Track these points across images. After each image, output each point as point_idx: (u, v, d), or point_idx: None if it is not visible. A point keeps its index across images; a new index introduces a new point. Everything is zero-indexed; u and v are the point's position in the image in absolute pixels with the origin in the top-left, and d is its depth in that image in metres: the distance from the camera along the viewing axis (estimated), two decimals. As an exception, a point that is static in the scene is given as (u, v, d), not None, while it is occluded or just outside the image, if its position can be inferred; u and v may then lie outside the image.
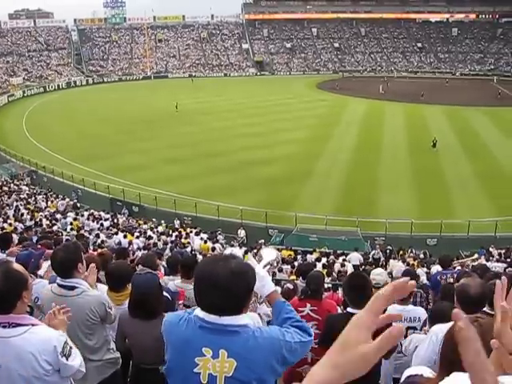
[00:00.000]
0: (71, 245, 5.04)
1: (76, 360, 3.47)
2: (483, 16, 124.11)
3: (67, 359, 3.37)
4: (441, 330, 3.92)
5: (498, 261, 18.78)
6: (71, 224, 22.97)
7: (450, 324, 3.72)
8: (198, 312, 2.66)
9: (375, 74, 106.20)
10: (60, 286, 4.53)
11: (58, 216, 24.62)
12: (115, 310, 4.85)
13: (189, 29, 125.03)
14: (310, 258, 20.59)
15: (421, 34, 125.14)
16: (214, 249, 20.83)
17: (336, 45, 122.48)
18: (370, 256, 21.85)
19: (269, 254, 3.58)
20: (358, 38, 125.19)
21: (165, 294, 5.36)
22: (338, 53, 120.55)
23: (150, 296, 4.61)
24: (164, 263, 9.09)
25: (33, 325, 3.36)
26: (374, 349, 1.17)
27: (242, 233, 27.73)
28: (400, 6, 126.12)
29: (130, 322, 4.73)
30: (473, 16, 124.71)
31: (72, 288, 4.48)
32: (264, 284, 3.10)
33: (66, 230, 21.27)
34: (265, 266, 3.30)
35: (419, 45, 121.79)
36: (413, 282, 1.21)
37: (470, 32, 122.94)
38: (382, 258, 20.72)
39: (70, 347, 3.43)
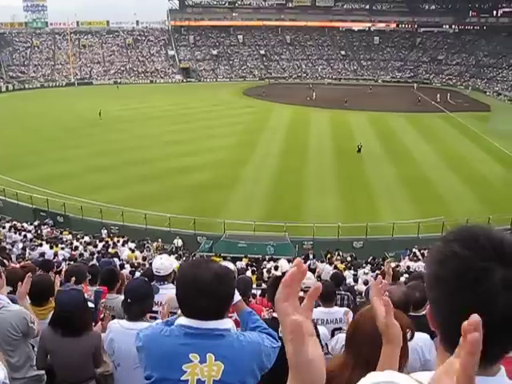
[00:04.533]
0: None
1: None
2: (403, 25, 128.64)
3: None
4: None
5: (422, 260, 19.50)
6: (-8, 236, 22.08)
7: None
8: (182, 320, 2.67)
9: (300, 81, 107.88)
10: (-21, 302, 4.34)
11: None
12: (38, 324, 4.70)
13: (113, 34, 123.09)
14: (240, 264, 20.62)
15: (344, 42, 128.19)
16: (145, 258, 20.56)
17: (262, 52, 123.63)
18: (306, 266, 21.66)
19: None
20: (284, 45, 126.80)
21: (90, 305, 5.25)
22: (264, 59, 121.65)
23: (75, 314, 4.49)
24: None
25: None
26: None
27: (179, 242, 27.52)
28: (324, 14, 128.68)
29: (53, 339, 4.57)
30: (393, 25, 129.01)
31: (-9, 304, 4.30)
32: None
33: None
34: None
35: (343, 52, 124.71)
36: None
37: (391, 41, 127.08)
38: (318, 268, 20.48)
39: None
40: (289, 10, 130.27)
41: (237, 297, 3.19)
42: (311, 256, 22.79)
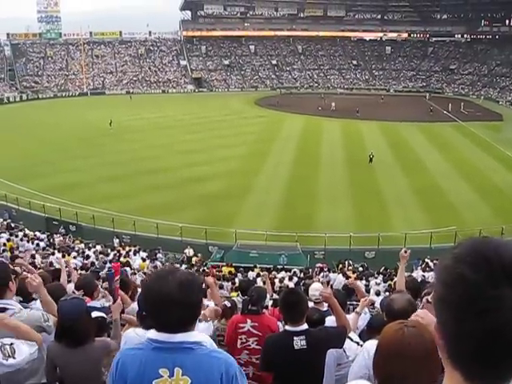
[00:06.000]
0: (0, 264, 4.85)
1: (23, 351, 3.48)
2: (415, 35, 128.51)
3: (14, 358, 3.32)
4: (372, 345, 3.96)
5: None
6: (4, 245, 22.18)
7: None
8: (150, 334, 2.62)
9: (312, 91, 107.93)
10: (-9, 308, 4.34)
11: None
12: (53, 319, 4.67)
13: (126, 45, 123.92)
14: (252, 274, 20.56)
15: (356, 52, 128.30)
16: (155, 267, 20.59)
17: (273, 62, 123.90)
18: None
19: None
20: (295, 55, 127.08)
21: (98, 313, 5.23)
22: (276, 69, 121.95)
23: (77, 322, 4.46)
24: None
25: None
26: None
27: (190, 251, 27.51)
28: (335, 24, 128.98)
29: (59, 352, 4.55)
30: (405, 35, 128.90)
31: (3, 310, 4.29)
32: None
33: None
34: None
35: (354, 62, 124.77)
36: None
37: (403, 50, 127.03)
38: (331, 280, 19.91)
39: (10, 345, 3.37)
40: (300, 21, 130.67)
41: None
42: (325, 269, 22.63)
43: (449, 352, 1.35)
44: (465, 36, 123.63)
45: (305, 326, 4.71)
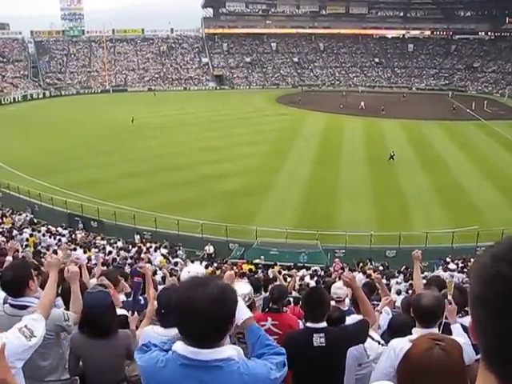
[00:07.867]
0: (20, 262, 4.91)
1: (38, 327, 3.56)
2: (438, 33, 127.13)
3: (35, 336, 3.45)
4: (398, 344, 3.91)
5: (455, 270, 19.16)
6: (27, 240, 22.44)
7: (407, 338, 3.74)
8: (177, 348, 2.53)
9: (333, 89, 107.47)
10: (12, 305, 4.37)
11: (15, 232, 24.03)
12: (75, 317, 4.70)
13: (148, 42, 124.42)
14: (272, 271, 20.49)
15: (378, 50, 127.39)
16: (176, 263, 20.65)
17: (295, 59, 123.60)
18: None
19: (242, 287, 3.45)
20: (317, 52, 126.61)
21: (123, 311, 5.26)
22: (297, 67, 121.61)
23: (102, 314, 4.50)
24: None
25: None
26: None
27: (210, 248, 27.60)
28: (357, 22, 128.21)
29: (83, 343, 4.59)
30: (428, 33, 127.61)
31: (23, 307, 4.32)
32: (239, 311, 2.90)
33: (22, 246, 20.76)
34: None
35: (376, 60, 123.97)
36: None
37: (426, 48, 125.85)
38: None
39: (26, 326, 3.44)
40: (322, 18, 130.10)
41: (244, 313, 3.03)
42: (347, 270, 22.54)
43: (483, 350, 1.32)
44: (489, 34, 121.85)
45: (324, 324, 4.71)
